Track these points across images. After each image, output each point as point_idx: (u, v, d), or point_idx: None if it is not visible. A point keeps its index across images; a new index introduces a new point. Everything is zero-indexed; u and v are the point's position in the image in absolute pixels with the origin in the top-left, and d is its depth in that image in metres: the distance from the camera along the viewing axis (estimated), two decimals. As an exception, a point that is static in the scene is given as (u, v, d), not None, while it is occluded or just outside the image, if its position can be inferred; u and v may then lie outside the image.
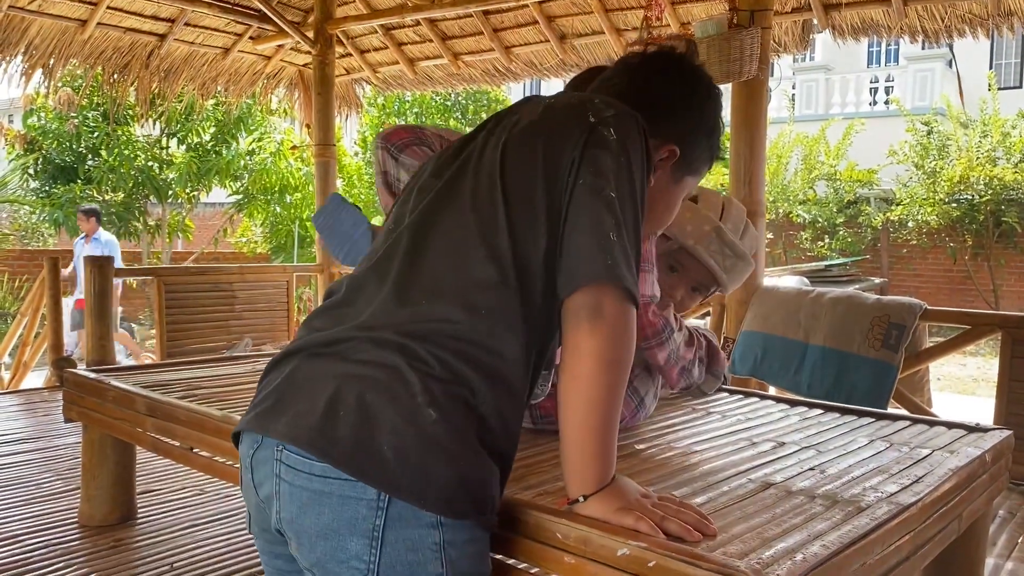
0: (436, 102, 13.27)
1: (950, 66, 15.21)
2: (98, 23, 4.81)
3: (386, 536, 1.04)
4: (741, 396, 2.28)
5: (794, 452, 1.72)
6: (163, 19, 5.08)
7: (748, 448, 1.72)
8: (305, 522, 1.07)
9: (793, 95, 16.02)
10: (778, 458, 1.66)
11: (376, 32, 5.50)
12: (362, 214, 1.82)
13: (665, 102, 1.32)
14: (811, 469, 1.60)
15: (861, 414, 2.11)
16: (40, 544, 2.45)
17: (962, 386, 8.65)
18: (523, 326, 1.13)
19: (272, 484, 1.09)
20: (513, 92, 17.01)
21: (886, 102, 15.17)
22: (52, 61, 4.93)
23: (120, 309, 8.56)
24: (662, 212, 1.39)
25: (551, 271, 1.14)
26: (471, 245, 1.15)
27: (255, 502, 1.17)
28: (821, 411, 2.14)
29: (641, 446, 1.71)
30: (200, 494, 2.93)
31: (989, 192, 11.64)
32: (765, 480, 1.51)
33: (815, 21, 4.13)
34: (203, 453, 2.11)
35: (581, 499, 1.16)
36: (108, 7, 4.75)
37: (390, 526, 1.04)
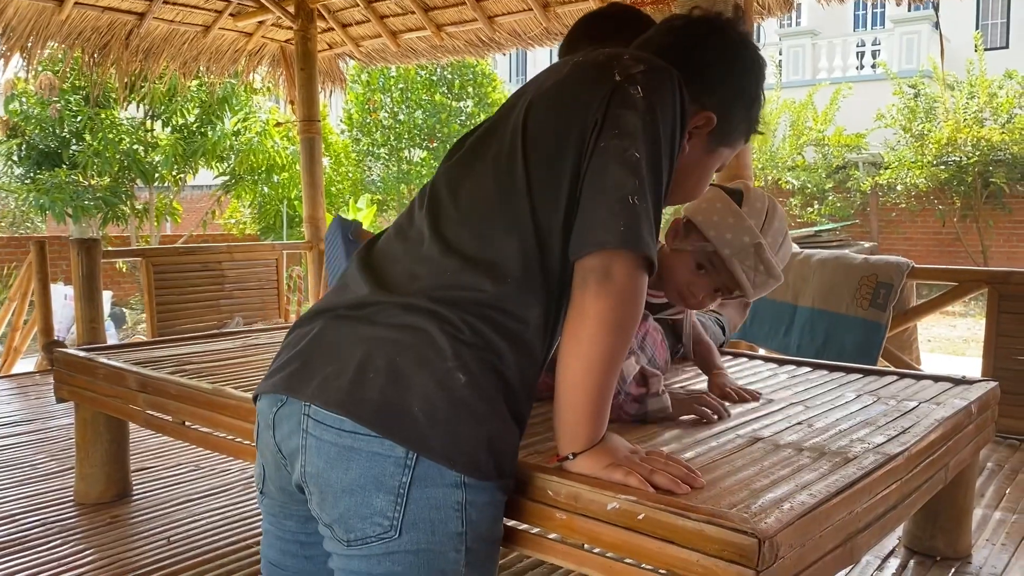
0: (421, 76, 13.16)
1: (936, 28, 15.15)
2: (75, 3, 4.75)
3: (411, 494, 1.05)
4: (730, 356, 2.29)
5: (782, 408, 1.73)
6: (141, -3, 5.01)
7: (737, 405, 1.74)
8: (331, 476, 1.07)
9: (780, 61, 15.96)
10: (766, 414, 1.68)
11: (358, 5, 5.44)
12: (356, 238, 1.80)
13: (706, 68, 1.25)
14: (799, 423, 1.61)
15: (849, 371, 2.13)
16: (37, 523, 2.46)
17: (952, 347, 8.71)
18: (543, 292, 1.14)
19: (299, 439, 1.10)
20: (499, 64, 16.90)
21: (873, 66, 15.12)
22: (30, 43, 4.87)
23: (110, 294, 8.55)
24: (693, 184, 1.32)
25: (569, 235, 1.13)
26: (494, 212, 1.14)
27: (275, 460, 1.17)
28: (809, 368, 2.16)
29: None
30: (195, 469, 2.94)
31: (977, 153, 11.66)
32: (753, 435, 1.52)
33: (799, -18, 4.11)
34: (196, 427, 2.11)
35: (571, 456, 1.18)
36: (85, -14, 4.70)
37: (416, 484, 1.05)
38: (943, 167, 12.01)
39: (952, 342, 8.97)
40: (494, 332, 1.10)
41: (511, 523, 1.30)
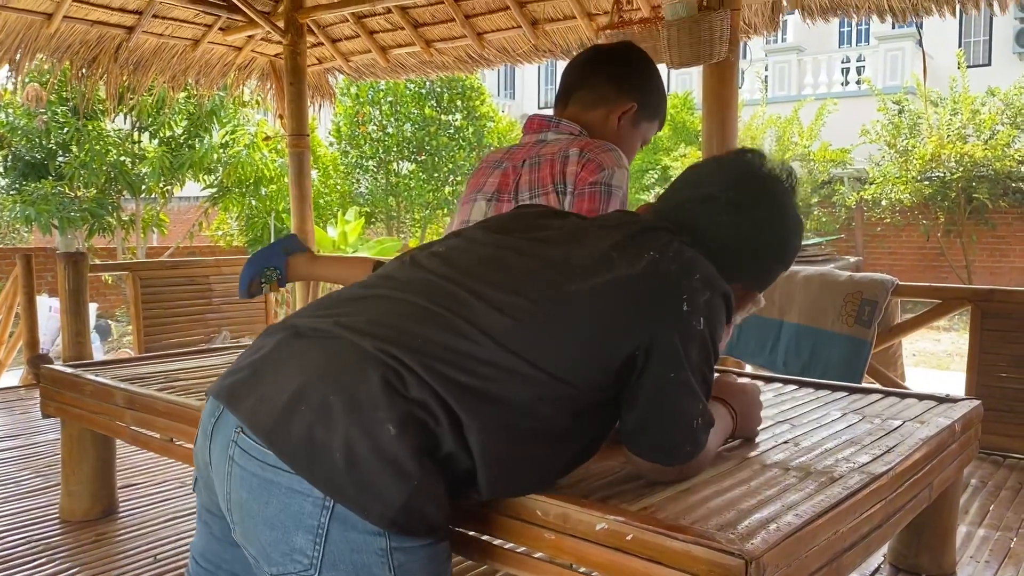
0: (411, 90, 13.19)
1: (919, 45, 15.32)
2: (64, 16, 4.74)
3: (331, 535, 1.05)
4: (716, 375, 2.30)
5: (769, 427, 1.75)
6: (130, 11, 5.00)
7: (724, 424, 1.75)
8: (253, 507, 1.08)
9: (766, 77, 16.09)
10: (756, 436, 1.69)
11: (347, 20, 5.46)
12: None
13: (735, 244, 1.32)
14: (785, 442, 1.63)
15: (834, 388, 2.14)
16: (22, 540, 2.44)
17: (936, 361, 8.78)
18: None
19: (225, 466, 1.11)
20: (487, 77, 16.96)
21: (858, 82, 15.27)
22: (19, 56, 4.86)
23: (95, 306, 8.50)
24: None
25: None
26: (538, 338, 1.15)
27: (205, 474, 1.19)
28: (795, 387, 2.18)
29: (619, 425, 1.73)
30: (182, 487, 2.93)
31: (960, 169, 11.78)
32: (740, 455, 1.54)
33: (784, 1, 4.15)
34: (183, 443, 2.11)
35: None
36: (74, 0, 4.69)
37: (335, 526, 1.05)
38: (927, 183, 12.13)
39: (937, 356, 9.04)
40: (448, 393, 1.09)
41: (497, 542, 1.31)
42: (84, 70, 5.21)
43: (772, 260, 1.35)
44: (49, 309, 7.60)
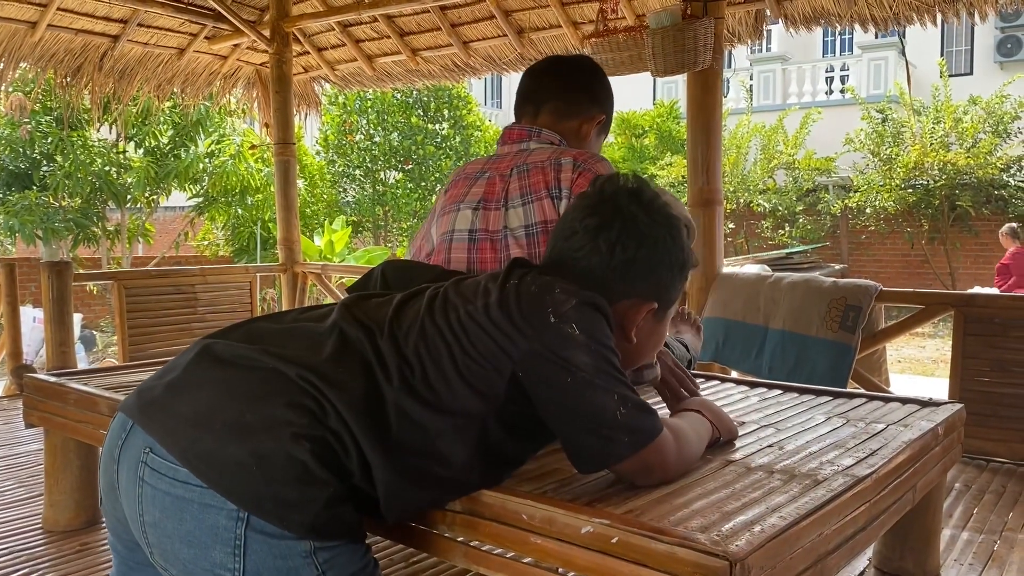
0: (397, 99, 13.21)
1: (902, 55, 15.47)
2: (48, 25, 4.73)
3: (249, 545, 1.07)
4: (702, 380, 2.31)
5: (753, 431, 1.75)
6: (115, 20, 5.00)
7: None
8: (168, 527, 1.09)
9: (751, 86, 16.20)
10: (738, 436, 1.70)
11: (333, 29, 5.47)
12: None
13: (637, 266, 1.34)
14: (770, 446, 1.63)
15: (819, 393, 2.16)
16: (4, 551, 2.42)
17: (921, 367, 8.83)
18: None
19: (135, 487, 1.12)
20: (474, 86, 17.00)
21: (842, 91, 15.40)
22: (2, 64, 4.84)
23: (80, 316, 8.44)
24: (651, 348, 1.43)
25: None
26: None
27: (112, 497, 1.19)
28: (780, 391, 2.19)
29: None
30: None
31: (943, 177, 11.89)
32: (725, 458, 1.54)
33: (768, 11, 4.19)
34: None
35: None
36: (58, 8, 4.67)
37: (252, 536, 1.07)
38: (911, 190, 12.24)
39: (921, 363, 9.10)
40: (365, 436, 1.13)
41: (486, 547, 1.31)
42: (68, 79, 5.20)
43: (649, 271, 1.34)
44: (33, 319, 7.55)
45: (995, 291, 8.80)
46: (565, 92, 1.86)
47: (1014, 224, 10.14)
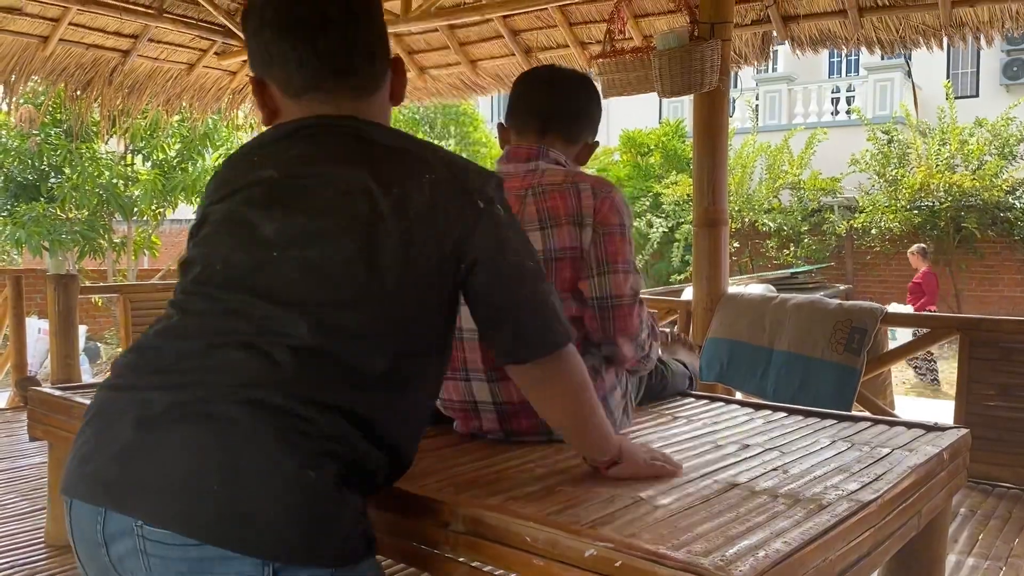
0: (404, 116, 13.28)
1: (908, 77, 15.50)
2: (60, 39, 4.77)
3: None
4: (707, 401, 2.31)
5: (758, 454, 1.75)
6: (126, 35, 5.04)
7: (713, 451, 1.75)
8: None
9: (756, 105, 16.24)
10: (742, 460, 1.69)
11: (342, 46, 5.51)
12: None
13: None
14: (774, 470, 1.63)
15: (824, 416, 2.15)
16: (5, 565, 2.41)
17: (926, 388, 8.80)
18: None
19: (140, 560, 1.04)
20: (480, 103, 17.07)
21: (847, 111, 15.42)
22: (13, 78, 4.88)
23: (84, 328, 8.45)
24: None
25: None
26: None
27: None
28: (785, 414, 2.18)
29: (609, 451, 1.73)
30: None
31: (949, 199, 11.89)
32: (730, 481, 1.54)
33: (774, 33, 4.21)
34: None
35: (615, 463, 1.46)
36: (70, 24, 4.72)
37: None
38: (916, 212, 12.23)
39: (926, 383, 9.06)
40: (356, 402, 1.13)
41: (487, 568, 1.30)
42: (79, 92, 5.23)
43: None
44: (38, 331, 7.57)
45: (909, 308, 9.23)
46: (572, 116, 1.84)
47: (923, 245, 10.78)
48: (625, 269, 1.69)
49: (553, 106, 1.84)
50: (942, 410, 6.07)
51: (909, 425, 2.05)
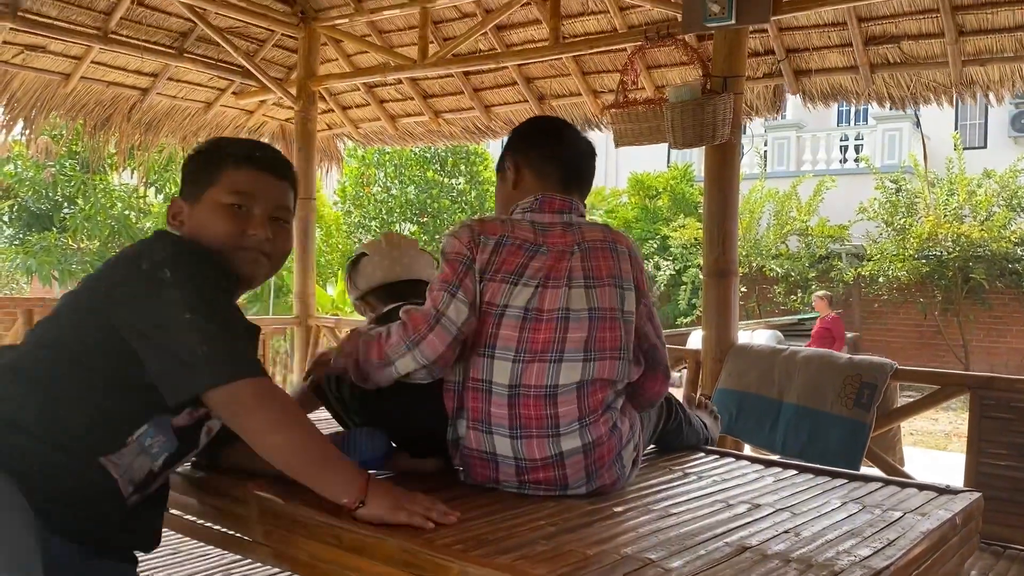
0: (415, 154, 13.40)
1: (917, 126, 15.61)
2: (81, 77, 4.86)
3: None
4: (717, 456, 2.30)
5: (769, 514, 1.74)
6: (146, 74, 5.13)
7: (724, 510, 1.74)
8: None
9: (765, 152, 16.35)
10: (753, 520, 1.68)
11: (359, 89, 5.58)
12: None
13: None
14: (786, 532, 1.62)
15: (834, 475, 2.14)
16: (8, 605, 2.40)
17: (934, 441, 8.73)
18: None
19: None
20: (491, 145, 17.22)
21: (856, 160, 15.52)
22: (34, 113, 4.95)
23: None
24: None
25: None
26: None
27: None
28: (795, 472, 2.17)
29: (619, 508, 1.72)
30: (174, 554, 2.89)
31: (957, 249, 11.90)
32: (741, 543, 1.53)
33: (786, 87, 4.27)
34: (174, 512, 2.09)
35: (361, 504, 1.40)
36: (92, 62, 4.80)
37: None
38: (924, 261, 12.24)
39: (934, 436, 8.99)
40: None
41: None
42: (97, 128, 5.31)
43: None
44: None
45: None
46: (591, 178, 2.00)
47: (827, 292, 11.20)
48: (664, 343, 1.94)
49: (588, 170, 1.98)
50: (951, 464, 6.02)
51: (921, 487, 2.04)
